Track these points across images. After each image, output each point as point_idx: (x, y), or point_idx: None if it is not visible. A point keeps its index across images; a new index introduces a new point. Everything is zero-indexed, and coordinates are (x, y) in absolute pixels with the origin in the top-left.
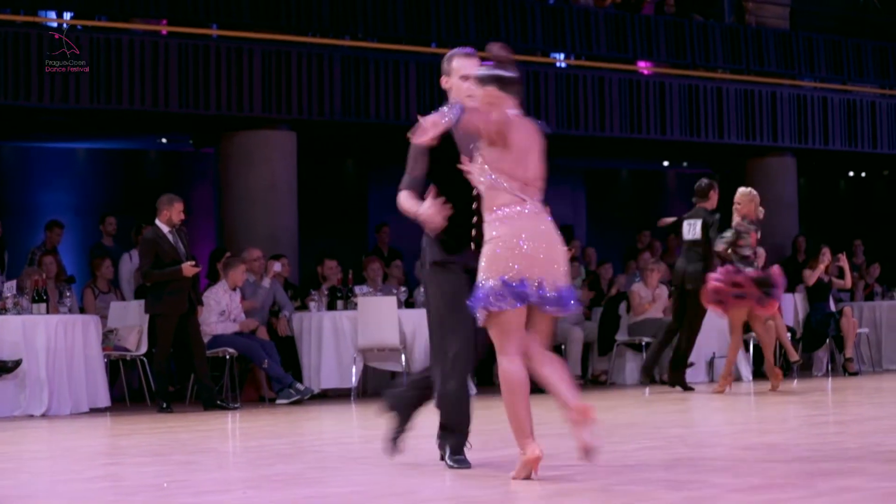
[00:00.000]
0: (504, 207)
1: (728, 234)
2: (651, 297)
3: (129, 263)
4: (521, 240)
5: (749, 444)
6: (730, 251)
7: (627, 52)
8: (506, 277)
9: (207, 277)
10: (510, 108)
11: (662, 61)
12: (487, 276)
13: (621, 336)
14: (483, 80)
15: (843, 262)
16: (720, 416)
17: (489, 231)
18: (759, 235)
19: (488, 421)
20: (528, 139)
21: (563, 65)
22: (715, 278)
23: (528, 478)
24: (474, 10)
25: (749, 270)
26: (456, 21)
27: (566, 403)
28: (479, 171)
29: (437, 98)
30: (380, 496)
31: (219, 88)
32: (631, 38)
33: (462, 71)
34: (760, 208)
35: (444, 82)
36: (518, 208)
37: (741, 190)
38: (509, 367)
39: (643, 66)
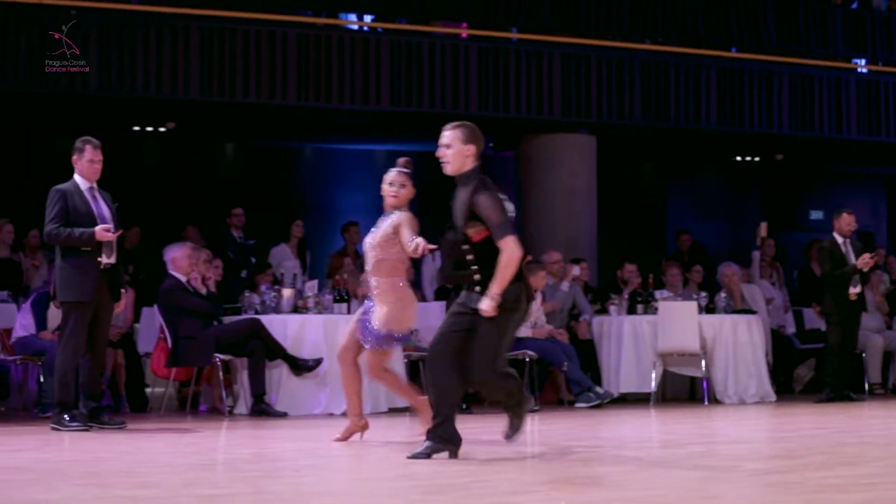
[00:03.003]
0: None
1: None
2: None
3: (432, 264)
4: None
5: None
6: None
7: None
8: None
9: None
10: None
11: None
12: None
13: None
14: None
15: None
16: None
17: None
18: None
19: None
20: None
21: (865, 70)
22: None
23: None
24: (774, 13)
25: None
26: (756, 25)
27: None
28: None
29: (738, 102)
30: (683, 501)
31: (518, 91)
32: None
33: None
34: None
35: None
36: None
37: None
38: None
39: None
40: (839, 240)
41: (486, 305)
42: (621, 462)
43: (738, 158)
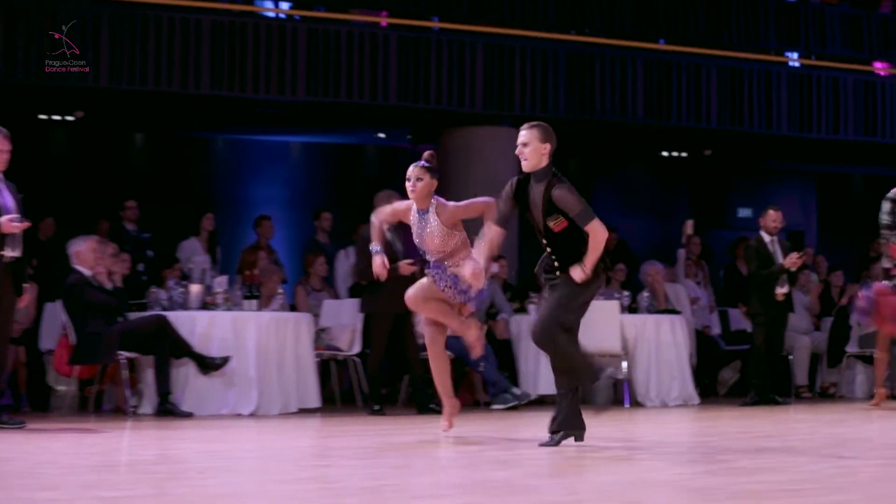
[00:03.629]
0: None
1: None
2: None
3: (346, 261)
4: None
5: None
6: None
7: (863, 51)
8: None
9: None
10: None
11: None
12: None
13: (851, 348)
14: None
15: None
16: None
17: None
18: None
19: None
20: None
21: (797, 64)
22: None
23: None
24: (703, 4)
25: None
26: (685, 16)
27: None
28: None
29: (666, 96)
30: None
31: (439, 82)
32: (867, 37)
33: None
34: None
35: None
36: None
37: None
38: None
39: (880, 67)
40: (766, 238)
41: (579, 275)
42: (538, 466)
43: (666, 154)
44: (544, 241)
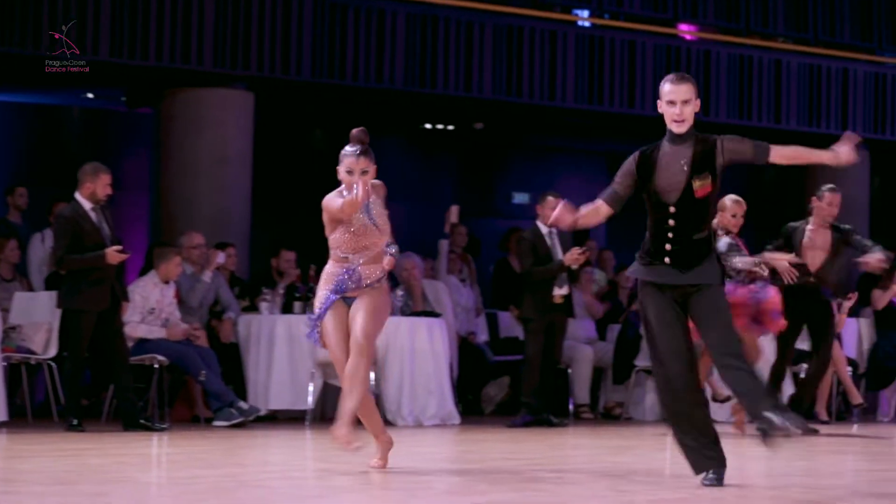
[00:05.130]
0: None
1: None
2: None
3: (41, 246)
4: None
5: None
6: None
7: (667, 11)
8: None
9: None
10: None
11: (710, 24)
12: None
13: (642, 361)
14: None
15: None
16: (757, 465)
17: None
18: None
19: None
20: None
21: (587, 24)
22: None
23: None
24: None
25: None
26: None
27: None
28: None
29: (430, 59)
30: None
31: (160, 36)
32: None
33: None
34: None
35: (659, 106)
36: None
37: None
38: None
39: (685, 30)
40: (544, 230)
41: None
42: (265, 490)
43: (429, 126)
44: (670, 214)
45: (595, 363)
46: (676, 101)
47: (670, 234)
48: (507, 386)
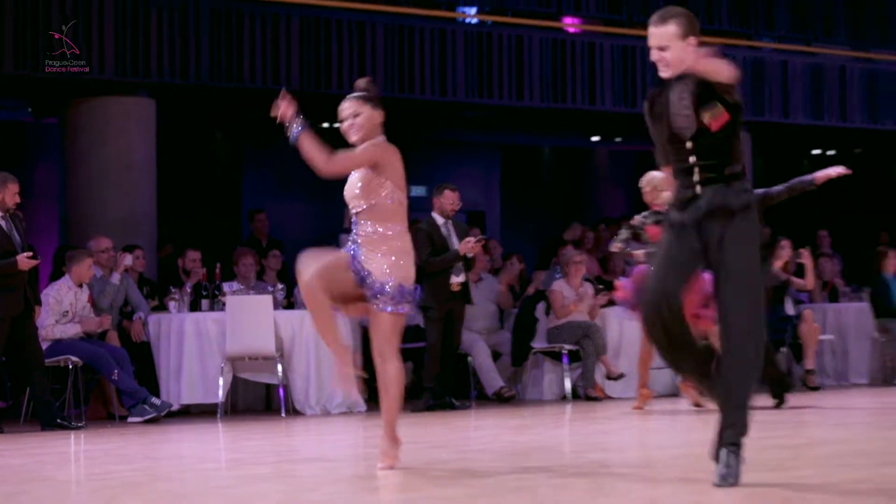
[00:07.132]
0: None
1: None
2: (575, 297)
3: None
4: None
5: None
6: None
7: (551, 6)
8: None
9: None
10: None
11: (594, 17)
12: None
13: (538, 343)
14: None
15: (806, 258)
16: (652, 437)
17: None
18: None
19: None
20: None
21: (475, 20)
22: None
23: None
24: None
25: None
26: None
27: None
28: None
29: (325, 56)
30: None
31: (64, 45)
32: None
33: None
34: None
35: None
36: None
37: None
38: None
39: (569, 23)
40: (440, 220)
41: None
42: (179, 483)
43: (326, 125)
44: (688, 150)
45: (493, 349)
46: (653, 47)
47: (696, 174)
48: (410, 372)
